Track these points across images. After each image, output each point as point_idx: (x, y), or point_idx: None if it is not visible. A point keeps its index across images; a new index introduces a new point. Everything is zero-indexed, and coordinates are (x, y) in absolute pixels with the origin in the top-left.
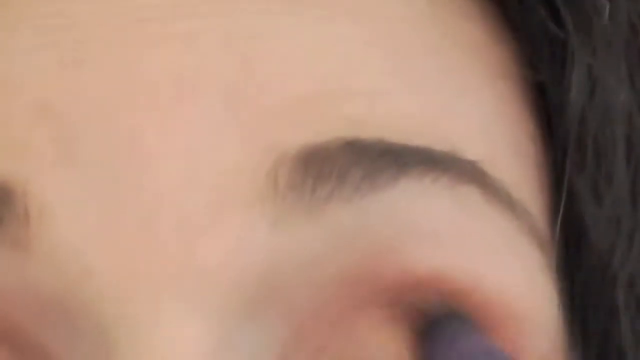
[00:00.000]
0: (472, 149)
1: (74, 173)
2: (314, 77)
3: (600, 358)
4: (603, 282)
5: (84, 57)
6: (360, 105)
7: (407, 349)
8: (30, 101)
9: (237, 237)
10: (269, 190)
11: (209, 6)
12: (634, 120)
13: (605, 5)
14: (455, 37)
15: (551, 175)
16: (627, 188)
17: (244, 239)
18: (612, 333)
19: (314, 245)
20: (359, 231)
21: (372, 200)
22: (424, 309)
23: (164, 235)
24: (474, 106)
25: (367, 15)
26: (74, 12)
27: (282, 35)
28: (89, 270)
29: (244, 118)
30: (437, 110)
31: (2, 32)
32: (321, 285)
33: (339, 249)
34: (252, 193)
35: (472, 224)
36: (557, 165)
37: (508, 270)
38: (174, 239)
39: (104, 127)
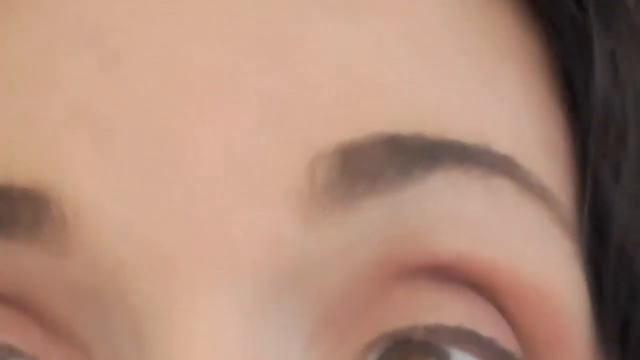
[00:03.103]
0: (504, 141)
1: (109, 173)
2: (348, 73)
3: (622, 342)
4: (624, 265)
5: (120, 57)
6: (394, 100)
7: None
8: (66, 102)
9: (272, 231)
10: (305, 187)
11: (243, 5)
12: None
13: None
14: (485, 28)
15: (577, 163)
16: None
17: (278, 233)
18: (633, 317)
19: (346, 237)
20: (391, 222)
21: (405, 193)
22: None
23: (197, 226)
24: (505, 97)
25: (398, 11)
26: (109, 10)
27: (316, 32)
28: (123, 264)
29: (279, 114)
30: (470, 103)
31: (38, 29)
32: (351, 270)
33: (371, 239)
34: (288, 189)
35: (505, 214)
36: (583, 152)
37: (542, 258)
38: (207, 229)
39: (140, 127)
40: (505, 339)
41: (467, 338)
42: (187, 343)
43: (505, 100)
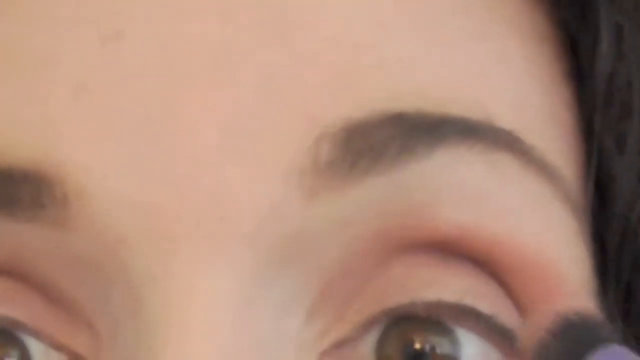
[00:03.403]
0: (507, 116)
1: (111, 150)
2: (349, 48)
3: (624, 315)
4: (628, 238)
5: (120, 34)
6: (396, 74)
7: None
8: (68, 79)
9: (272, 206)
10: (308, 163)
11: None
12: None
13: None
14: (490, 1)
15: (582, 136)
16: None
17: (278, 208)
18: (636, 285)
19: (347, 211)
20: (392, 196)
21: (408, 170)
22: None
23: (198, 203)
24: (509, 72)
25: None
26: None
27: (315, 8)
28: (124, 237)
29: (281, 90)
30: (472, 77)
31: (40, 10)
32: (351, 244)
33: (372, 211)
34: (290, 165)
35: (507, 189)
36: (588, 125)
37: (544, 234)
38: (208, 206)
39: (142, 104)
40: (506, 316)
41: (467, 314)
42: (184, 317)
43: (508, 74)
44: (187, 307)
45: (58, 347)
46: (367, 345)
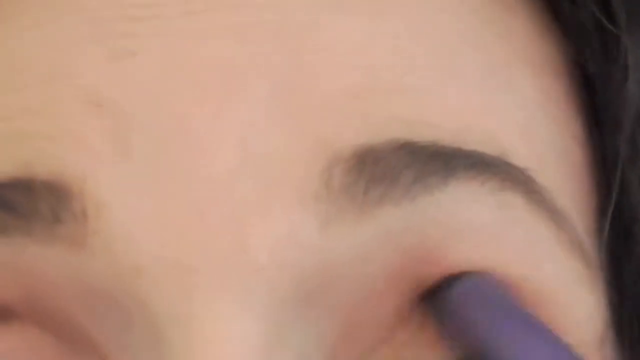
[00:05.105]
0: (519, 152)
1: (129, 168)
2: (364, 71)
3: None
4: None
5: (134, 49)
6: (410, 102)
7: None
8: (82, 94)
9: (289, 234)
10: (322, 189)
11: (259, 0)
12: None
13: None
14: (502, 33)
15: (596, 173)
16: None
17: (295, 236)
18: None
19: (363, 245)
20: (406, 231)
21: (421, 202)
22: None
23: (215, 230)
24: (521, 106)
25: (414, 10)
26: (123, 4)
27: (332, 29)
28: (142, 267)
29: (294, 112)
30: (486, 111)
31: (52, 24)
32: (368, 282)
33: (387, 247)
34: (305, 190)
35: (515, 229)
36: (604, 162)
37: (546, 278)
38: (225, 233)
39: (157, 120)
40: None
41: None
42: (203, 350)
43: (521, 108)
44: (209, 346)
45: None
46: None
